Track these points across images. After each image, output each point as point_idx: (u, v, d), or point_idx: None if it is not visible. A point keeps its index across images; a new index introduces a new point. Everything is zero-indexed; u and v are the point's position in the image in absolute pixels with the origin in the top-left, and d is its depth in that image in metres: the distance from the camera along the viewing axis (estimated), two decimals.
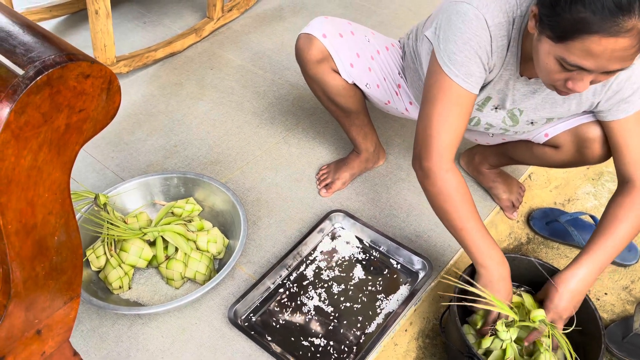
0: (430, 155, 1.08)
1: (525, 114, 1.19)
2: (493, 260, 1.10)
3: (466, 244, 1.11)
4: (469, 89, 1.05)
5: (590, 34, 0.82)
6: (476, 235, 1.10)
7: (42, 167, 0.62)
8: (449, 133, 1.06)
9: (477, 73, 1.04)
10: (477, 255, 1.10)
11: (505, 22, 1.00)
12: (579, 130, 1.20)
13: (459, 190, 1.09)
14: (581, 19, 0.82)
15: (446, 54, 1.04)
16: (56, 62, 0.57)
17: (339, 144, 1.76)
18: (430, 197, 1.12)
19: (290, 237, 1.47)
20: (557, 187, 1.68)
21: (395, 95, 1.41)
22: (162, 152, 1.72)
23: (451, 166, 1.08)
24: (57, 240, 0.70)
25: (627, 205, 1.10)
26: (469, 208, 1.09)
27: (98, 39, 1.82)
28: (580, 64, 0.87)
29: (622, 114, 1.09)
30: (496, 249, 1.11)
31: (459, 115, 1.06)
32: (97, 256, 1.31)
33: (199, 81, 2.02)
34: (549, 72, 0.93)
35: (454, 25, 1.02)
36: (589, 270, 1.10)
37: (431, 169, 1.08)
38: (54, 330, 0.79)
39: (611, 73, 0.89)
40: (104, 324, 1.27)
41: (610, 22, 0.81)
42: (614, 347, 1.26)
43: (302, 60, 1.34)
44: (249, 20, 2.37)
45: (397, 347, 1.26)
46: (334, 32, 1.31)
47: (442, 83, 1.05)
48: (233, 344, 1.24)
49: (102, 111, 0.65)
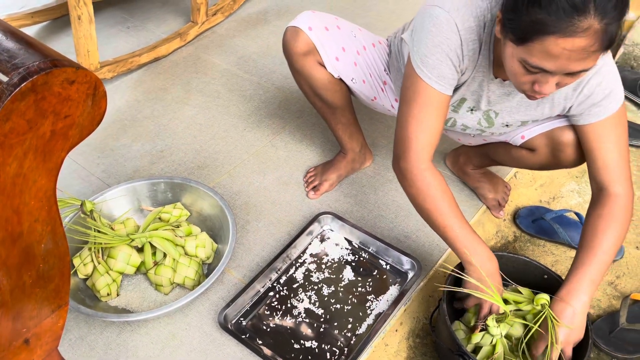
0: (408, 156, 1.10)
1: (501, 116, 1.20)
2: (479, 256, 1.10)
3: (451, 241, 1.12)
4: (442, 91, 1.07)
5: (547, 34, 0.84)
6: (460, 232, 1.10)
7: (28, 175, 0.62)
8: (425, 134, 1.08)
9: (449, 75, 1.06)
10: (462, 252, 1.11)
11: (475, 26, 1.02)
12: (553, 134, 1.21)
13: (438, 188, 1.10)
14: (538, 20, 0.84)
15: (419, 57, 1.06)
16: (41, 68, 0.56)
17: (325, 147, 1.76)
18: (410, 198, 1.14)
19: (279, 240, 1.47)
20: (542, 185, 1.70)
21: (381, 91, 1.42)
22: (149, 157, 1.71)
23: (428, 165, 1.10)
24: (44, 248, 0.70)
25: (605, 216, 1.09)
26: (449, 205, 1.10)
27: (81, 44, 1.80)
28: (542, 66, 0.88)
29: (594, 118, 1.09)
30: (482, 244, 1.12)
31: (434, 116, 1.08)
32: (84, 263, 1.30)
33: (185, 85, 2.01)
34: (515, 74, 0.95)
35: (426, 29, 1.04)
36: (584, 291, 1.07)
37: (408, 169, 1.10)
38: (43, 339, 0.78)
39: (576, 74, 0.90)
40: (92, 332, 1.25)
41: (566, 23, 0.82)
42: (601, 342, 1.28)
43: (288, 52, 1.35)
44: (233, 24, 2.36)
45: (388, 348, 1.26)
46: (320, 25, 1.32)
47: (417, 86, 1.08)
48: (224, 348, 1.23)
49: (88, 117, 0.65)
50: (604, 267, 1.09)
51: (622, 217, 1.10)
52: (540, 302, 1.11)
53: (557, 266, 1.47)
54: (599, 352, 1.28)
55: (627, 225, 1.11)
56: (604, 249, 1.08)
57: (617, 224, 1.09)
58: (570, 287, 1.09)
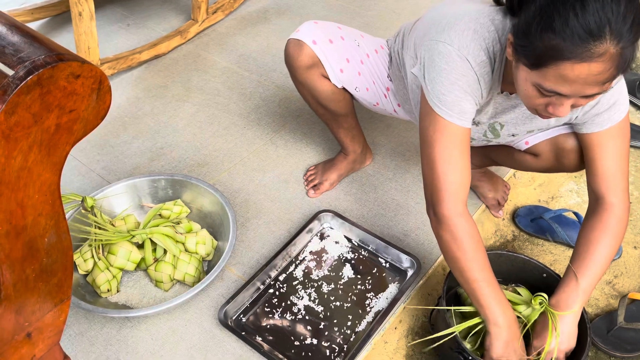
0: (442, 200, 1.05)
1: (507, 128, 1.20)
2: (506, 318, 1.06)
3: (477, 297, 1.07)
4: (464, 126, 1.04)
5: (562, 60, 0.83)
6: (488, 290, 1.06)
7: (32, 168, 0.62)
8: (455, 173, 1.04)
9: (469, 109, 1.04)
10: (488, 312, 1.06)
11: (487, 59, 1.00)
12: (557, 141, 1.21)
13: (473, 237, 1.06)
14: (553, 46, 0.83)
15: (435, 96, 1.03)
16: (46, 62, 0.56)
17: (326, 145, 1.77)
18: (443, 244, 1.09)
19: (279, 238, 1.47)
20: (541, 185, 1.71)
21: (384, 97, 1.42)
22: (149, 154, 1.71)
23: (464, 210, 1.06)
24: (47, 242, 0.70)
25: (600, 228, 1.09)
26: (481, 258, 1.06)
27: (82, 41, 1.80)
28: (557, 90, 0.87)
29: (597, 127, 1.09)
30: (508, 306, 1.08)
31: (460, 153, 1.05)
32: (84, 259, 1.30)
33: (185, 83, 2.01)
34: (528, 97, 0.94)
35: (437, 67, 1.02)
36: (576, 302, 1.08)
37: (444, 214, 1.05)
38: (44, 333, 0.78)
39: (591, 97, 0.89)
40: (92, 328, 1.26)
41: (582, 48, 0.81)
42: (599, 340, 1.29)
43: (291, 66, 1.34)
44: (234, 22, 2.37)
45: (387, 345, 1.27)
46: (324, 38, 1.31)
47: (437, 124, 1.04)
48: (223, 345, 1.23)
49: (93, 111, 0.65)
50: (595, 278, 1.09)
51: (616, 229, 1.10)
52: (538, 301, 1.12)
53: (555, 265, 1.47)
54: (597, 350, 1.29)
55: (621, 237, 1.11)
56: (596, 260, 1.09)
57: (610, 236, 1.10)
58: (561, 297, 1.09)
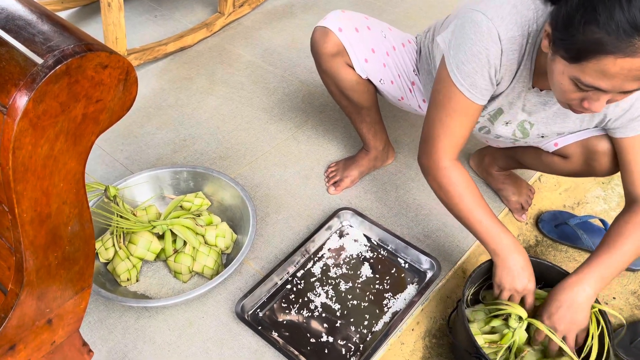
0: (430, 154, 1.12)
1: (536, 127, 1.18)
2: (507, 247, 1.11)
3: (477, 233, 1.13)
4: (473, 100, 1.06)
5: (605, 54, 0.81)
6: (486, 224, 1.11)
7: (58, 157, 0.62)
8: (450, 138, 1.10)
9: (482, 85, 1.04)
10: (490, 243, 1.12)
11: (519, 36, 0.99)
12: (588, 143, 1.19)
13: (461, 182, 1.11)
14: (596, 39, 0.81)
15: (455, 62, 1.04)
16: (75, 51, 0.57)
17: (348, 142, 1.75)
18: (435, 192, 1.17)
19: (298, 234, 1.47)
20: (566, 190, 1.67)
21: (409, 92, 1.40)
22: (172, 145, 1.72)
23: (451, 163, 1.11)
24: (70, 230, 0.70)
25: (633, 222, 1.09)
26: (473, 198, 1.11)
27: (110, 31, 1.82)
28: (596, 85, 0.86)
29: (632, 132, 1.08)
30: (508, 235, 1.11)
31: (461, 123, 1.09)
32: (105, 248, 1.31)
33: (209, 76, 2.02)
34: (564, 91, 0.92)
35: (466, 35, 1.02)
36: (590, 284, 1.07)
37: (430, 166, 1.13)
38: (65, 320, 0.79)
39: (629, 92, 0.87)
40: (111, 316, 1.27)
41: (626, 43, 0.79)
42: (621, 351, 1.26)
43: (316, 53, 1.34)
44: (259, 16, 2.37)
45: (404, 346, 1.26)
46: (350, 26, 1.31)
47: (449, 91, 1.07)
48: (239, 338, 1.24)
49: (119, 102, 0.65)
50: (617, 269, 1.08)
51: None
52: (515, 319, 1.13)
53: None
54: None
55: None
56: (623, 250, 1.07)
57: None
58: (577, 277, 1.08)
